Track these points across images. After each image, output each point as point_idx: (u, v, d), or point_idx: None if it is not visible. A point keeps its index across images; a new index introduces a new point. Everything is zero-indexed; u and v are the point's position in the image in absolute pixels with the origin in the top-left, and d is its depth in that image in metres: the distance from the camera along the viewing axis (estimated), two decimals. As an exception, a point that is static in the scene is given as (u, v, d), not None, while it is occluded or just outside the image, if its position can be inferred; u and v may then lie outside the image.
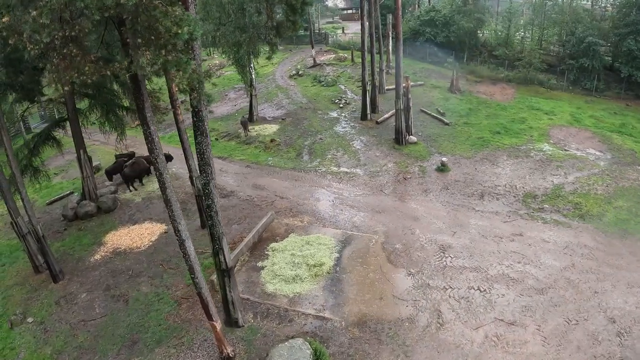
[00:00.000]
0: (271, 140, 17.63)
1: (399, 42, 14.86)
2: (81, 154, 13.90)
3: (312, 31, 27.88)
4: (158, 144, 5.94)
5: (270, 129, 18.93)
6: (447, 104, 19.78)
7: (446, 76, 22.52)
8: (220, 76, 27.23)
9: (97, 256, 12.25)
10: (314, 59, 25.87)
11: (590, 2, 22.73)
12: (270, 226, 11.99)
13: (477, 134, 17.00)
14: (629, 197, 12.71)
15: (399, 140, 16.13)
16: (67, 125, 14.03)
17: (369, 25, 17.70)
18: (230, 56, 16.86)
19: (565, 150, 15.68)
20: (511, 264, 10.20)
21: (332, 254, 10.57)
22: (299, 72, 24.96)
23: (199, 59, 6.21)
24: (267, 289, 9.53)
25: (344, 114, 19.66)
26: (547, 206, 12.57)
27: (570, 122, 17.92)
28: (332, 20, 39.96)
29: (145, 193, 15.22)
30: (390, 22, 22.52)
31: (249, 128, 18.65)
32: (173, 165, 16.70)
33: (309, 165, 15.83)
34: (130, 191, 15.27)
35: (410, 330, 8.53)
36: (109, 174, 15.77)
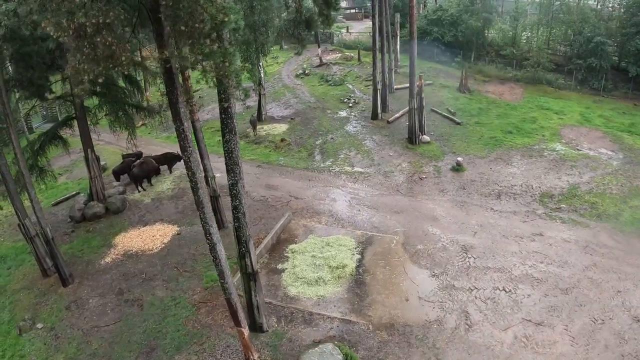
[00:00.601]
0: (281, 140, 17.42)
1: (413, 41, 14.79)
2: (89, 153, 13.55)
3: (318, 30, 27.69)
4: (191, 142, 5.71)
5: (279, 128, 18.72)
6: (457, 103, 19.77)
7: (454, 75, 22.54)
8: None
9: (108, 259, 11.92)
10: (320, 58, 25.72)
11: (596, 2, 22.95)
12: (288, 227, 11.78)
13: (489, 133, 16.99)
14: (645, 196, 12.78)
15: (412, 140, 16.04)
16: (73, 124, 13.66)
17: (379, 24, 17.60)
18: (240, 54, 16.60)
19: (578, 150, 15.74)
20: (534, 264, 10.15)
21: (354, 255, 10.40)
22: (305, 72, 24.80)
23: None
24: (290, 292, 9.32)
25: (353, 113, 19.54)
26: (564, 206, 12.57)
27: (581, 121, 18.03)
28: (335, 19, 39.91)
29: (155, 193, 14.90)
30: (398, 21, 22.47)
31: (257, 127, 18.41)
32: (178, 166, 16.39)
33: (322, 165, 15.66)
34: (139, 192, 14.94)
35: (439, 332, 8.40)
36: (117, 174, 15.42)
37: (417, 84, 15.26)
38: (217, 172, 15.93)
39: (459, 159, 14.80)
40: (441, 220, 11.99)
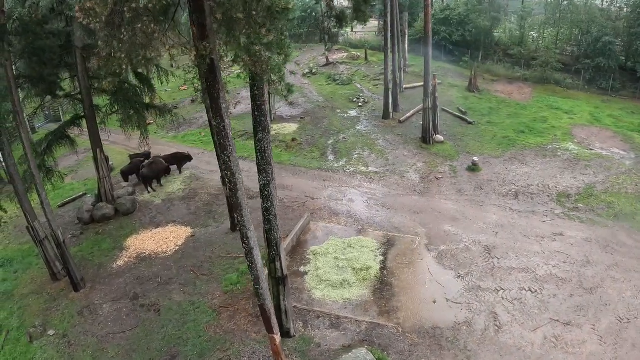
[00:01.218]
0: (292, 140, 17.27)
1: (428, 40, 14.78)
2: (98, 153, 13.25)
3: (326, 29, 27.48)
4: (232, 140, 5.53)
5: (289, 128, 18.56)
6: (467, 102, 19.83)
7: (462, 75, 22.63)
8: (229, 75, 26.68)
9: (120, 262, 11.65)
10: (326, 58, 25.58)
11: (602, 1, 23.24)
12: (307, 228, 11.64)
13: (501, 133, 17.06)
14: (660, 196, 12.92)
15: (426, 140, 16.03)
16: (82, 124, 13.34)
17: (390, 23, 17.59)
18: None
19: (591, 149, 15.88)
20: (557, 263, 10.18)
21: (377, 257, 10.31)
22: (312, 71, 24.67)
23: None
24: (315, 295, 9.18)
25: (363, 113, 19.48)
26: (581, 205, 12.64)
27: (591, 121, 18.20)
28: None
29: (165, 194, 14.64)
30: (406, 20, 22.49)
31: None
32: (188, 166, 16.16)
33: (336, 165, 15.56)
34: (149, 192, 14.67)
35: (469, 334, 8.35)
36: (125, 174, 15.14)
37: (431, 83, 15.24)
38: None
39: (474, 158, 14.81)
40: (461, 220, 11.96)
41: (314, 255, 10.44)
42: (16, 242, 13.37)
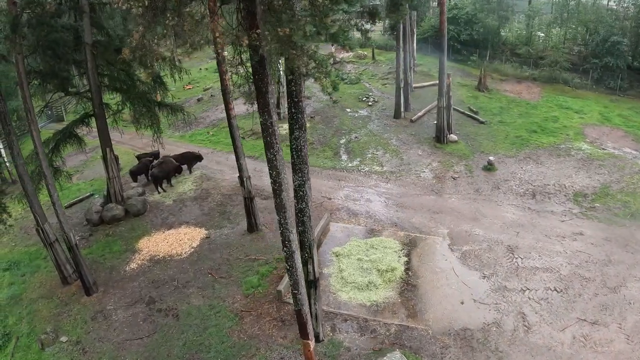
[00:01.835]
0: (304, 139, 17.17)
1: (443, 39, 14.85)
2: (107, 152, 13.02)
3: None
4: (278, 137, 5.43)
5: (299, 127, 18.45)
6: (477, 102, 19.97)
7: (470, 74, 22.79)
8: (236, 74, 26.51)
9: (133, 265, 11.44)
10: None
11: (607, 1, 23.62)
12: (326, 229, 11.57)
13: (514, 132, 17.20)
14: (675, 195, 13.14)
15: (440, 139, 16.08)
16: (91, 122, 13.09)
17: (402, 22, 17.60)
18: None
19: (603, 149, 16.08)
20: (580, 263, 10.27)
21: (400, 257, 10.29)
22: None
23: None
24: (341, 298, 9.12)
25: (374, 112, 19.48)
26: (598, 205, 12.79)
27: (601, 120, 18.45)
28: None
29: (176, 195, 14.44)
30: (415, 19, 22.56)
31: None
32: (198, 166, 15.96)
33: (350, 165, 15.52)
34: (159, 193, 14.47)
35: (499, 335, 8.37)
36: (134, 174, 14.92)
37: (446, 82, 15.30)
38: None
39: (490, 158, 14.90)
40: (481, 220, 12.01)
41: (337, 256, 10.37)
42: (22, 244, 13.05)
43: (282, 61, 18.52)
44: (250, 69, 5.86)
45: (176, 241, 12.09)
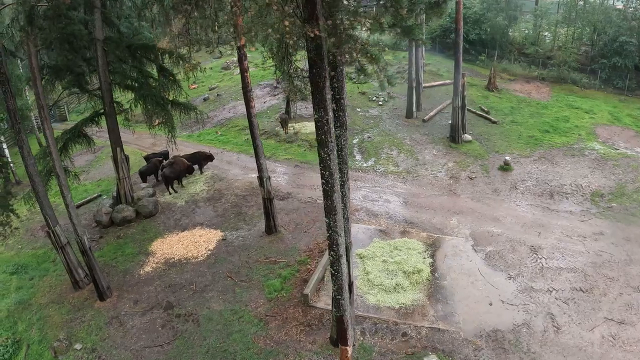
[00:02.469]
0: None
1: (459, 38, 14.97)
2: (118, 152, 12.84)
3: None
4: (334, 135, 5.33)
5: (310, 126, 18.45)
6: (487, 102, 20.19)
7: (479, 74, 23.03)
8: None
9: (148, 268, 11.29)
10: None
11: (613, 1, 24.10)
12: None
13: (527, 132, 17.43)
14: (691, 194, 13.45)
15: (455, 139, 16.22)
16: (101, 121, 12.89)
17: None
18: (271, 48, 16.26)
19: (616, 149, 16.39)
20: (603, 263, 10.45)
21: (425, 259, 10.33)
22: (326, 68, 24.54)
23: None
24: (369, 301, 9.11)
25: (385, 112, 19.56)
26: (615, 205, 13.02)
27: (611, 120, 18.81)
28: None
29: (188, 196, 14.29)
30: (424, 19, 22.71)
31: (288, 125, 18.09)
32: (209, 166, 15.83)
33: (365, 165, 15.56)
34: (170, 194, 14.31)
35: (530, 335, 8.46)
36: (143, 175, 14.73)
37: (461, 81, 15.44)
38: (252, 172, 15.46)
39: (506, 158, 15.08)
40: (502, 220, 12.14)
41: (361, 258, 10.37)
42: (29, 246, 12.79)
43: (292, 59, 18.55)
44: (291, 65, 5.75)
45: (191, 243, 11.96)
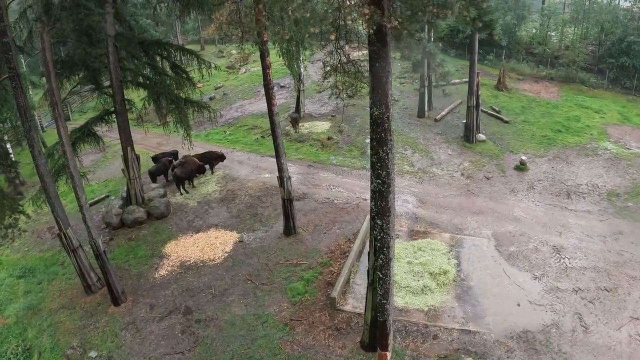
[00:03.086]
0: (328, 138, 17.21)
1: (475, 36, 15.12)
2: (128, 152, 12.67)
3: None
4: (391, 133, 5.24)
5: (321, 126, 18.48)
6: (498, 101, 20.43)
7: (488, 73, 23.27)
8: (246, 72, 26.46)
9: (163, 271, 11.15)
10: (347, 56, 25.55)
11: (618, 1, 24.57)
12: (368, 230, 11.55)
13: (540, 132, 17.67)
14: None
15: (469, 138, 16.37)
16: (111, 120, 12.70)
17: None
18: (282, 47, 16.25)
19: (628, 149, 16.70)
20: (625, 262, 10.62)
21: (450, 260, 10.39)
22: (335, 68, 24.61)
23: None
24: (397, 303, 9.11)
25: (396, 111, 19.60)
26: (631, 204, 13.26)
27: (622, 120, 19.16)
28: None
29: (200, 196, 14.16)
30: (432, 16, 22.90)
31: (298, 125, 18.07)
32: (220, 166, 15.71)
33: (380, 165, 15.58)
34: (182, 194, 14.16)
35: (559, 336, 8.56)
36: (153, 175, 14.55)
37: (475, 81, 15.59)
38: (265, 172, 15.42)
39: (522, 157, 15.26)
40: (522, 220, 12.27)
41: (385, 259, 10.37)
42: (36, 249, 12.53)
43: (302, 58, 18.49)
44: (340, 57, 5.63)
45: (207, 245, 11.84)
